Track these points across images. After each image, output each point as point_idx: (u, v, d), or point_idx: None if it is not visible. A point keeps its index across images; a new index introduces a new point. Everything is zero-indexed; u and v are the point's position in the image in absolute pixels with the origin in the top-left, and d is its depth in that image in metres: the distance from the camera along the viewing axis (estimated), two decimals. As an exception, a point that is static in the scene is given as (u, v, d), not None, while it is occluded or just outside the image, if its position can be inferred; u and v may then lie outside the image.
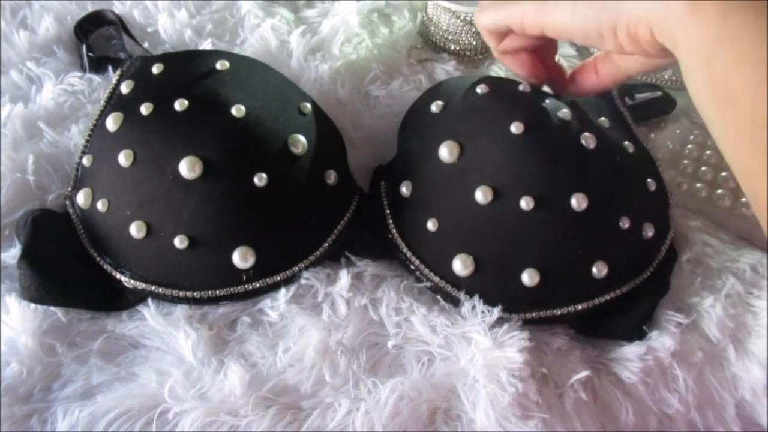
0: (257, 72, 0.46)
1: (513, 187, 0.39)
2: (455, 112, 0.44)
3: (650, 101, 0.53)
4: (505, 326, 0.40)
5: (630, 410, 0.39)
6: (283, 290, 0.42)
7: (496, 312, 0.40)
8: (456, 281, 0.41)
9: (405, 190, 0.43)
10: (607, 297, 0.41)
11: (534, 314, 0.41)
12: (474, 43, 0.56)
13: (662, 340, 0.41)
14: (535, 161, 0.40)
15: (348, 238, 0.44)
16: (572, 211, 0.39)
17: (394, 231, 0.44)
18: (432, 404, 0.38)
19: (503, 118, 0.41)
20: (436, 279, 0.42)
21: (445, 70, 0.56)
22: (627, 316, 0.42)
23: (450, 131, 0.42)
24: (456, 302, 0.42)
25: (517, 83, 0.45)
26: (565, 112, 0.42)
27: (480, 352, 0.39)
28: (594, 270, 0.40)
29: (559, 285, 0.40)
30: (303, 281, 0.42)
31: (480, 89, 0.44)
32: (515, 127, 0.40)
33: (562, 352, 0.41)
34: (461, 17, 0.55)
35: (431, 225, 0.42)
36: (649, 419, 0.39)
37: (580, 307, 0.41)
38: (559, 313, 0.41)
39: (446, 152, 0.41)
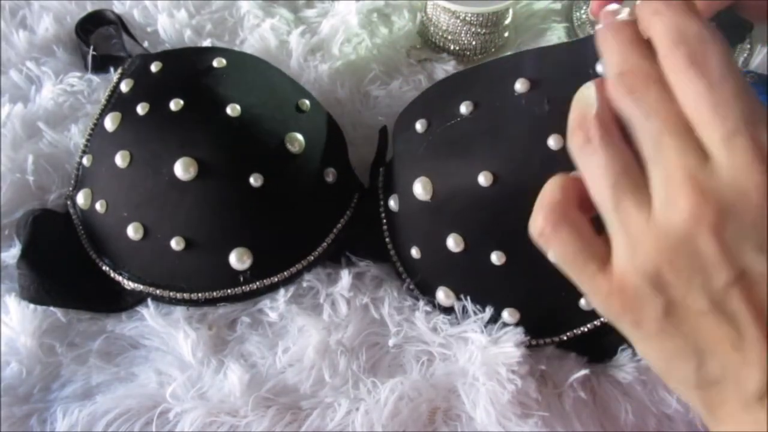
0: (255, 69, 0.46)
1: (483, 240, 0.38)
2: (432, 141, 0.40)
3: None
4: (500, 322, 0.40)
5: (630, 410, 0.39)
6: (282, 290, 0.42)
7: (488, 311, 0.40)
8: (441, 307, 0.41)
9: (393, 204, 0.42)
10: (596, 323, 0.40)
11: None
12: (473, 43, 0.56)
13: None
14: (507, 214, 0.36)
15: (348, 237, 0.44)
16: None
17: (388, 240, 0.43)
18: (432, 404, 0.38)
19: (476, 160, 0.37)
20: (425, 299, 0.42)
21: (445, 70, 0.55)
22: (616, 335, 0.41)
23: (425, 165, 0.40)
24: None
25: (512, 84, 0.38)
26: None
27: (477, 350, 0.39)
28: (582, 302, 0.38)
29: (541, 320, 0.40)
30: (305, 283, 0.42)
31: (464, 107, 0.39)
32: (484, 178, 0.36)
33: (559, 352, 0.41)
34: (461, 17, 0.55)
35: (415, 252, 0.41)
36: (648, 419, 0.39)
37: (565, 337, 0.40)
38: (543, 342, 0.40)
39: (420, 189, 0.39)
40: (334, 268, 0.43)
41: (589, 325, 0.40)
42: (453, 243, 0.38)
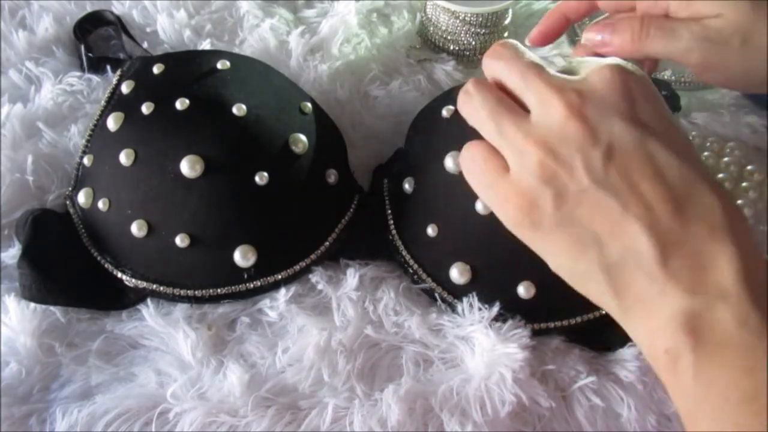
0: (258, 72, 0.46)
1: None
2: (464, 119, 0.44)
3: None
4: (509, 323, 0.40)
5: (631, 408, 0.39)
6: (282, 290, 0.42)
7: (495, 309, 0.40)
8: (452, 288, 0.41)
9: (408, 186, 0.44)
10: (603, 311, 0.40)
11: (528, 326, 0.40)
12: (473, 43, 0.56)
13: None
14: None
15: (349, 237, 0.44)
16: None
17: (394, 232, 0.44)
18: (430, 405, 0.38)
19: None
20: (433, 285, 0.42)
21: (444, 70, 0.56)
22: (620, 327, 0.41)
23: (457, 141, 0.41)
24: (452, 307, 0.42)
25: None
26: None
27: (480, 350, 0.39)
28: None
29: (555, 299, 0.40)
30: (312, 280, 0.42)
31: None
32: None
33: (561, 351, 0.41)
34: (460, 17, 0.55)
35: (431, 230, 0.41)
36: (648, 418, 0.39)
37: (574, 321, 0.41)
38: (553, 326, 0.41)
39: (451, 163, 0.41)
40: (338, 269, 0.43)
41: (596, 313, 0.41)
42: (482, 205, 0.39)
